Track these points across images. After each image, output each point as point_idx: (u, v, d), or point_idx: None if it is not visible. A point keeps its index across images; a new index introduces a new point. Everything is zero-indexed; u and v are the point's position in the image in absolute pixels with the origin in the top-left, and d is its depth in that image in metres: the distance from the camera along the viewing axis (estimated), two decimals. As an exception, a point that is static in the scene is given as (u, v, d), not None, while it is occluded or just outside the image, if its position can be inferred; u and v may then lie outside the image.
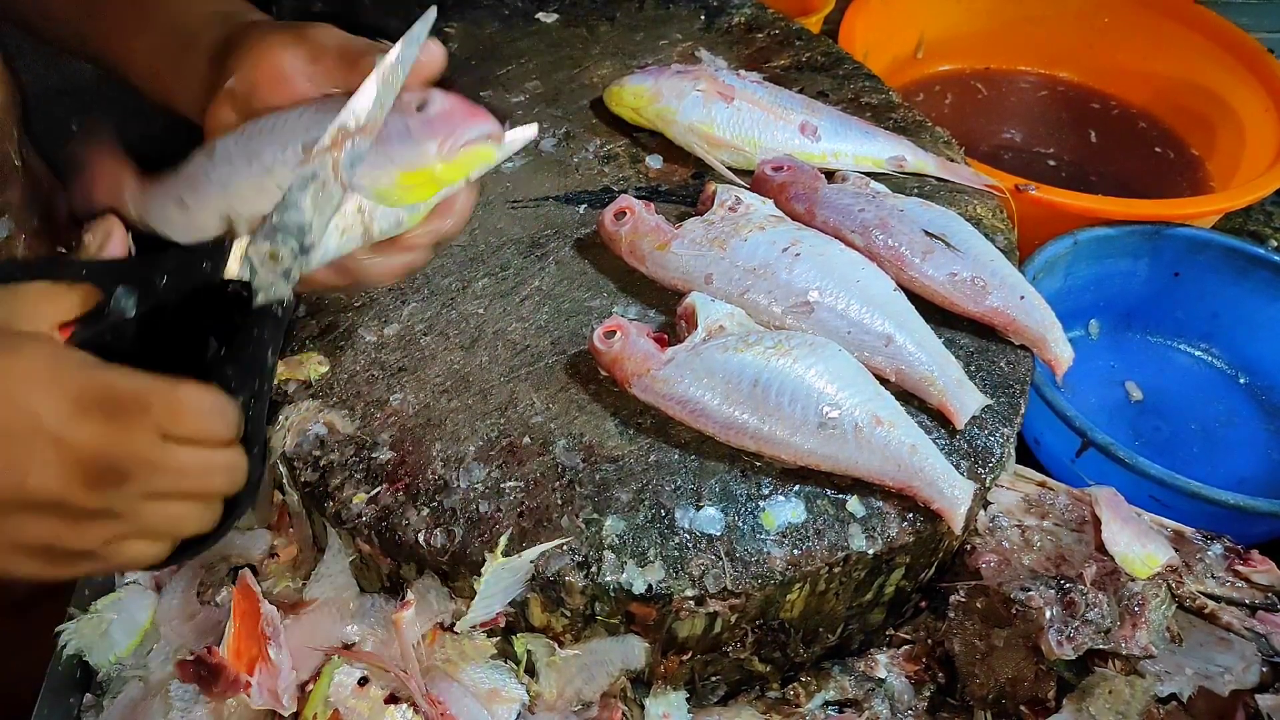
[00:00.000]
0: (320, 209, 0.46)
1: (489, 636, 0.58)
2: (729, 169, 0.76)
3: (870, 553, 0.55)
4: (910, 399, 0.60)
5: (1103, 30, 1.26)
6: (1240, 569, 0.61)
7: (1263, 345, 0.96)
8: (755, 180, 0.73)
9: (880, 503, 0.56)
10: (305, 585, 0.60)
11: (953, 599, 0.62)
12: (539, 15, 0.96)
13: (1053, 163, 1.20)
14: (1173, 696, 0.58)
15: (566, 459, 0.58)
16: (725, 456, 0.58)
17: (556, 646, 0.57)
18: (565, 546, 0.54)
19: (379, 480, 0.57)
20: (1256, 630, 0.58)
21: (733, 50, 0.91)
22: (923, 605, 0.65)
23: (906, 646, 0.63)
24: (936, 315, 0.65)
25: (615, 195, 0.72)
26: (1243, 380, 0.97)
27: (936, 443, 0.57)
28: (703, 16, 0.96)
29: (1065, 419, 0.77)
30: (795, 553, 0.54)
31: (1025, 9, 1.28)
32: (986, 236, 0.69)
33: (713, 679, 0.61)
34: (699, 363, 0.57)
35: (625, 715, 0.56)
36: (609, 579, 0.53)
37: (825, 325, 0.61)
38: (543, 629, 0.58)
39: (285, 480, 0.60)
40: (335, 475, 0.58)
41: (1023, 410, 0.63)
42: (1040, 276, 0.90)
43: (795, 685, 0.61)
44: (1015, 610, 0.58)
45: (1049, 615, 0.57)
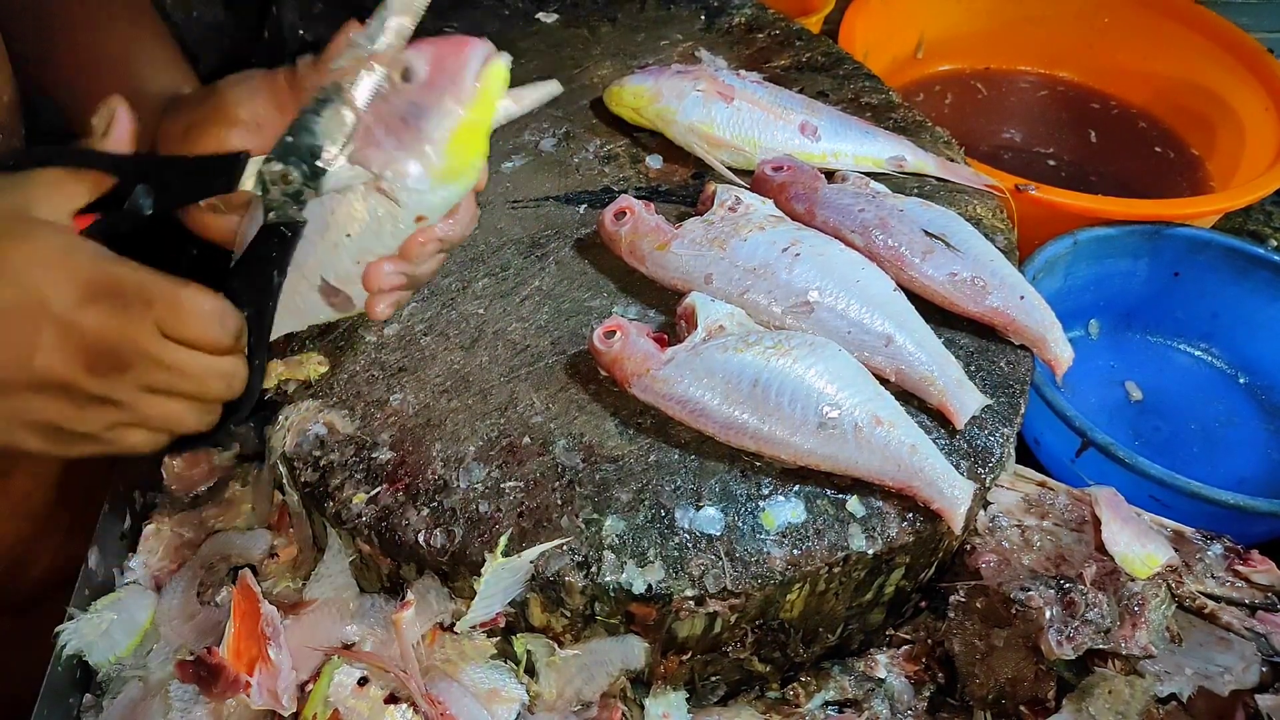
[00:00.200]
0: (332, 132, 0.47)
1: (489, 636, 0.58)
2: (729, 169, 0.76)
3: (870, 553, 0.55)
4: (910, 399, 0.60)
5: (1103, 30, 1.26)
6: (1240, 569, 0.61)
7: (1263, 345, 0.96)
8: (755, 180, 0.73)
9: (880, 503, 0.56)
10: (305, 585, 0.60)
11: (953, 599, 0.62)
12: (539, 15, 0.96)
13: (1053, 163, 1.20)
14: (1173, 696, 0.58)
15: (566, 459, 0.58)
16: (725, 456, 0.58)
17: (556, 646, 0.57)
18: (565, 546, 0.54)
19: (379, 480, 0.57)
20: (1256, 630, 0.58)
21: (733, 50, 0.91)
22: (923, 605, 0.65)
23: (906, 646, 0.63)
24: (936, 315, 0.65)
25: (615, 195, 0.72)
26: (1243, 380, 0.97)
27: (936, 443, 0.57)
28: (703, 17, 0.96)
29: (1065, 419, 0.77)
30: (795, 553, 0.54)
31: (1025, 9, 1.28)
32: (986, 236, 0.69)
33: (713, 679, 0.61)
34: (699, 363, 0.57)
35: (625, 715, 0.56)
36: (609, 579, 0.53)
37: (825, 325, 0.61)
38: (543, 629, 0.58)
39: (285, 480, 0.60)
40: (335, 475, 0.58)
41: (1023, 410, 0.63)
42: (1040, 276, 0.90)
43: (795, 685, 0.61)
44: (1015, 610, 0.58)
45: (1049, 615, 0.57)
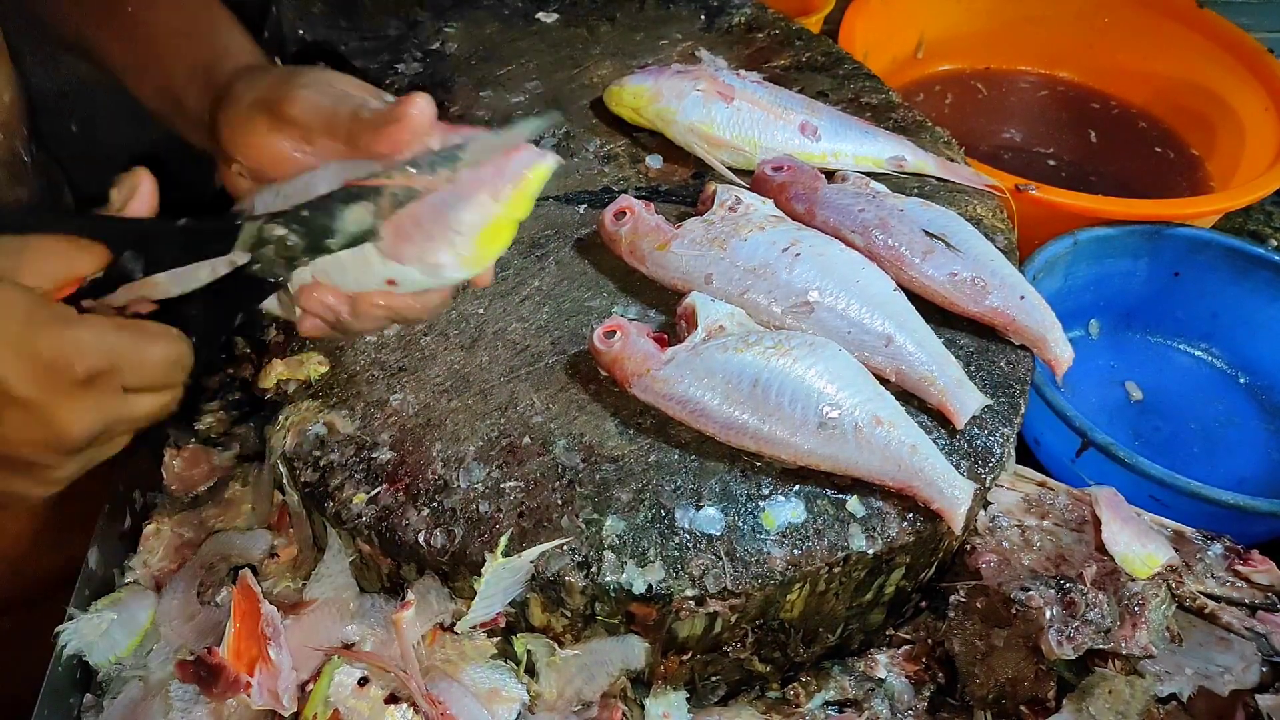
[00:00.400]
0: (351, 224, 0.47)
1: (489, 636, 0.58)
2: (729, 169, 0.76)
3: (870, 553, 0.55)
4: (910, 399, 0.60)
5: (1103, 30, 1.26)
6: (1240, 569, 0.61)
7: (1263, 345, 0.96)
8: (755, 180, 0.73)
9: (880, 503, 0.56)
10: (305, 585, 0.60)
11: (953, 599, 0.62)
12: (539, 15, 0.96)
13: (1053, 163, 1.20)
14: (1173, 696, 0.58)
15: (566, 459, 0.58)
16: (725, 456, 0.58)
17: (556, 646, 0.57)
18: (565, 546, 0.54)
19: (379, 480, 0.57)
20: (1256, 630, 0.58)
21: (733, 50, 0.91)
22: (923, 605, 0.65)
23: (906, 646, 0.63)
24: (936, 315, 0.65)
25: (615, 195, 0.72)
26: (1243, 380, 0.97)
27: (936, 443, 0.57)
28: (703, 16, 0.96)
29: (1065, 419, 0.77)
30: (795, 553, 0.54)
31: (1025, 9, 1.28)
32: (986, 236, 0.69)
33: (713, 679, 0.61)
34: (699, 363, 0.57)
35: (625, 715, 0.56)
36: (609, 579, 0.53)
37: (825, 325, 0.61)
38: (543, 629, 0.58)
39: (285, 480, 0.60)
40: (335, 475, 0.58)
41: (1023, 410, 0.63)
42: (1040, 276, 0.90)
43: (795, 685, 0.61)
44: (1015, 610, 0.58)
45: (1049, 615, 0.57)
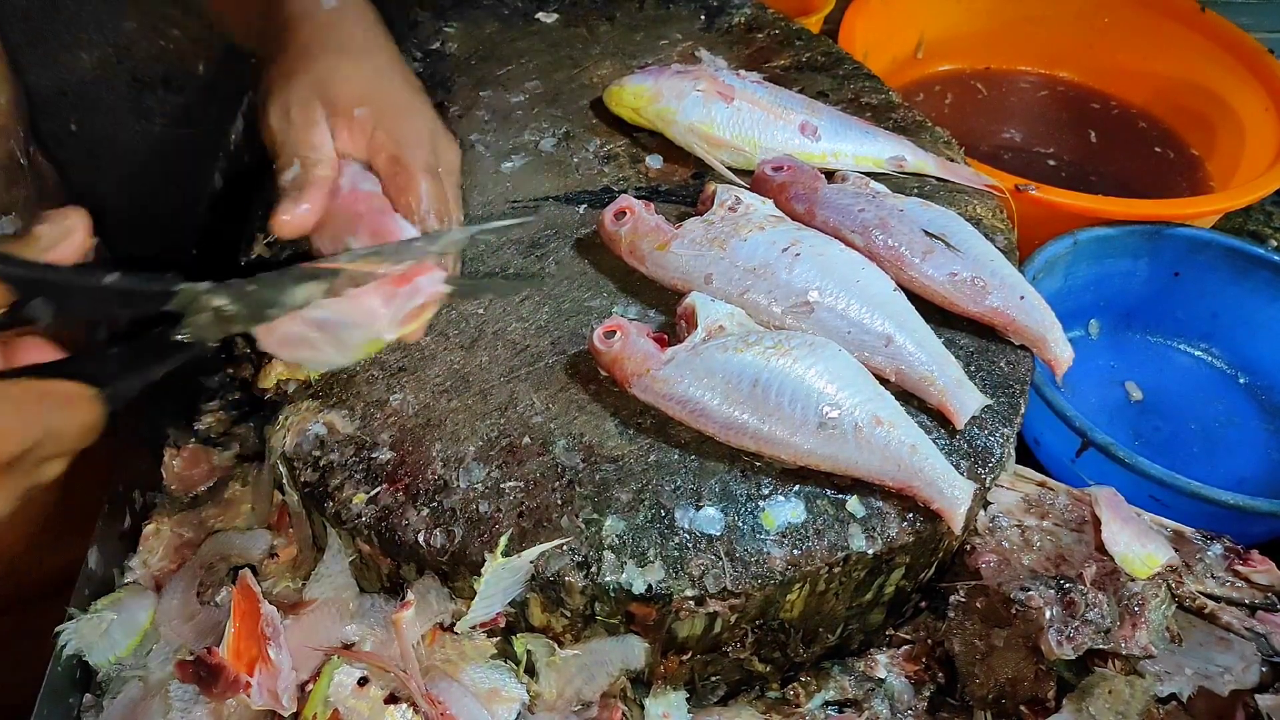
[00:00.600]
0: (299, 300, 0.50)
1: (489, 636, 0.58)
2: (729, 169, 0.76)
3: (870, 553, 0.55)
4: (910, 399, 0.60)
5: (1103, 30, 1.26)
6: (1240, 569, 0.61)
7: (1263, 345, 0.96)
8: (755, 180, 0.73)
9: (880, 503, 0.56)
10: (305, 585, 0.60)
11: (953, 599, 0.62)
12: (539, 15, 0.96)
13: (1053, 163, 1.20)
14: (1173, 696, 0.58)
15: (566, 459, 0.58)
16: (725, 456, 0.58)
17: (556, 646, 0.57)
18: (565, 546, 0.54)
19: (379, 480, 0.57)
20: (1256, 630, 0.58)
21: (733, 50, 0.91)
22: (923, 605, 0.65)
23: (906, 646, 0.63)
24: (936, 315, 0.65)
25: (615, 195, 0.72)
26: (1243, 380, 0.97)
27: (936, 443, 0.57)
28: (703, 16, 0.96)
29: (1065, 419, 0.77)
30: (795, 553, 0.54)
31: (1025, 9, 1.28)
32: (986, 236, 0.69)
33: (713, 679, 0.61)
34: (699, 363, 0.57)
35: (625, 715, 0.56)
36: (609, 579, 0.53)
37: (825, 325, 0.61)
38: (543, 629, 0.58)
39: (285, 480, 0.60)
40: (335, 475, 0.58)
41: (1023, 410, 0.63)
42: (1040, 276, 0.90)
43: (795, 685, 0.61)
44: (1015, 610, 0.58)
45: (1049, 615, 0.57)
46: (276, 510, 0.66)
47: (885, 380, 0.59)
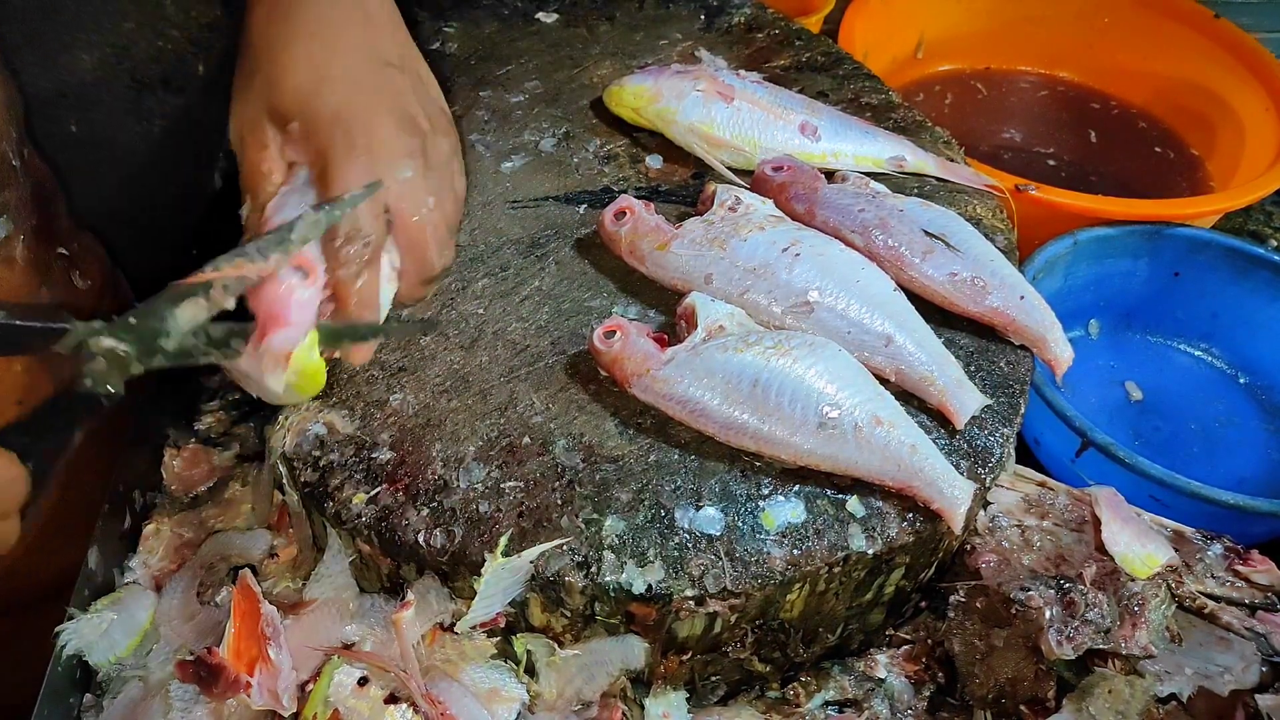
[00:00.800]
0: (184, 323, 0.49)
1: (489, 636, 0.58)
2: (729, 169, 0.76)
3: (870, 553, 0.55)
4: (910, 399, 0.60)
5: (1103, 30, 1.26)
6: (1240, 569, 0.61)
7: (1263, 345, 0.96)
8: (755, 180, 0.73)
9: (880, 503, 0.56)
10: (305, 585, 0.60)
11: (953, 599, 0.62)
12: (539, 15, 0.96)
13: (1053, 163, 1.20)
14: (1173, 696, 0.58)
15: (566, 459, 0.58)
16: (725, 456, 0.58)
17: (556, 646, 0.57)
18: (565, 546, 0.54)
19: (379, 480, 0.57)
20: (1256, 630, 0.58)
21: (733, 50, 0.91)
22: (923, 605, 0.65)
23: (906, 646, 0.63)
24: (936, 315, 0.65)
25: (615, 195, 0.72)
26: (1243, 380, 0.97)
27: (936, 443, 0.57)
28: (703, 16, 0.96)
29: (1065, 419, 0.77)
30: (795, 553, 0.54)
31: (1025, 9, 1.28)
32: (986, 236, 0.69)
33: (713, 679, 0.61)
34: (699, 363, 0.57)
35: (625, 715, 0.56)
36: (609, 579, 0.53)
37: (825, 325, 0.61)
38: (543, 629, 0.58)
39: (285, 480, 0.60)
40: (335, 475, 0.58)
41: (1023, 410, 0.63)
42: (1040, 276, 0.90)
43: (795, 685, 0.61)
44: (1015, 610, 0.58)
45: (1049, 615, 0.57)
46: (276, 510, 0.66)
47: (885, 380, 0.59)
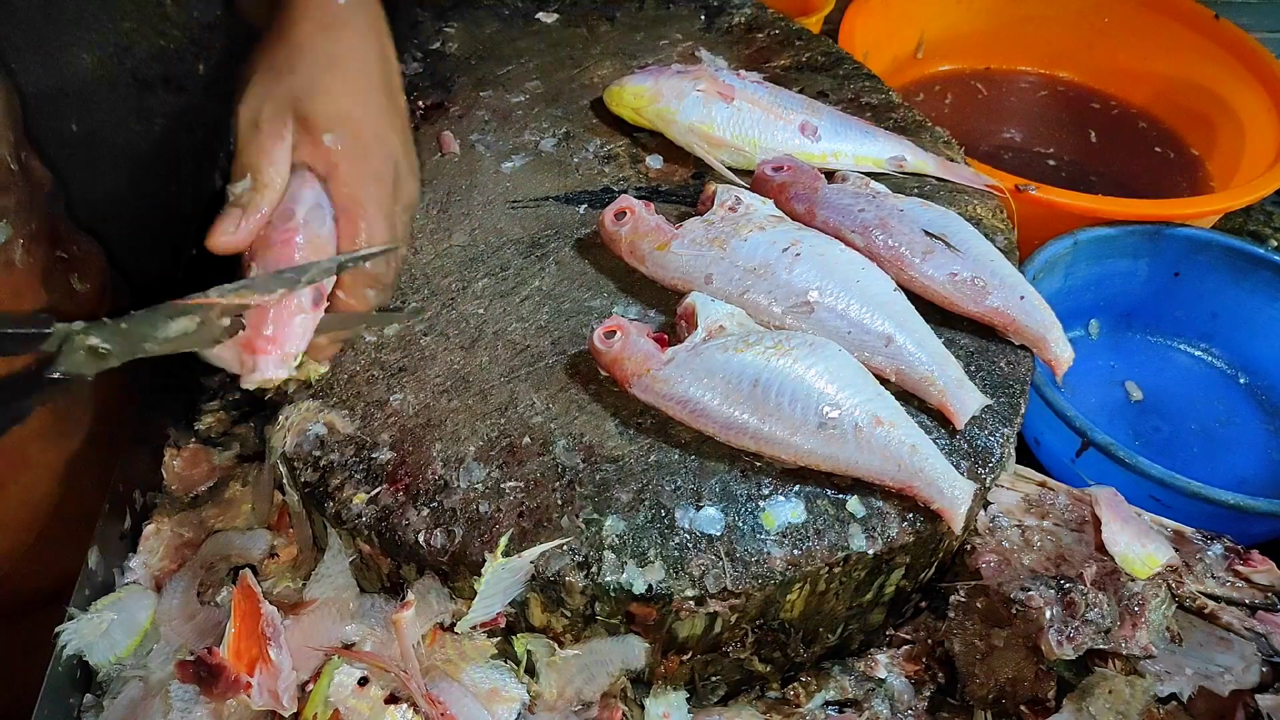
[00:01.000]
0: (174, 334, 0.50)
1: (489, 636, 0.58)
2: (729, 169, 0.76)
3: (870, 553, 0.55)
4: (910, 399, 0.60)
5: (1103, 30, 1.26)
6: (1240, 569, 0.61)
7: (1263, 345, 0.96)
8: (755, 180, 0.73)
9: (880, 503, 0.56)
10: (305, 585, 0.60)
11: (953, 599, 0.62)
12: (539, 15, 0.96)
13: (1053, 163, 1.20)
14: (1173, 696, 0.58)
15: (566, 459, 0.58)
16: (725, 456, 0.58)
17: (556, 646, 0.57)
18: (565, 546, 0.54)
19: (379, 480, 0.57)
20: (1256, 630, 0.58)
21: (733, 50, 0.91)
22: (923, 605, 0.65)
23: (906, 646, 0.63)
24: (936, 315, 0.65)
25: (615, 195, 0.72)
26: (1243, 380, 0.97)
27: (936, 443, 0.57)
28: (703, 16, 0.96)
29: (1065, 419, 0.77)
30: (795, 553, 0.54)
31: (1025, 9, 1.28)
32: (986, 236, 0.69)
33: (713, 679, 0.61)
34: (699, 363, 0.57)
35: (625, 715, 0.56)
36: (609, 579, 0.53)
37: (825, 325, 0.61)
38: (543, 629, 0.58)
39: (285, 480, 0.60)
40: (335, 475, 0.58)
41: (1023, 410, 0.63)
42: (1040, 276, 0.90)
43: (795, 685, 0.61)
44: (1015, 610, 0.58)
45: (1049, 615, 0.57)
46: (277, 510, 0.66)
47: (885, 380, 0.59)
